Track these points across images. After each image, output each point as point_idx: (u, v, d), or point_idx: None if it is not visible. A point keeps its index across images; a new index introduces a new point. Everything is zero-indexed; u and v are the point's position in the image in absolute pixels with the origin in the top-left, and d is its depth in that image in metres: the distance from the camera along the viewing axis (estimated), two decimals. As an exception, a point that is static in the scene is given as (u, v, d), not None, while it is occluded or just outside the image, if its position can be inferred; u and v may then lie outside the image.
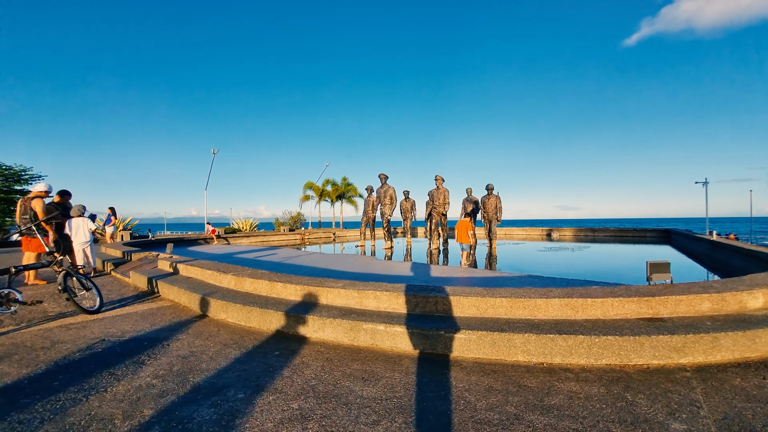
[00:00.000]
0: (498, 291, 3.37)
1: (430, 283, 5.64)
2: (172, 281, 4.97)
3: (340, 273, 7.13)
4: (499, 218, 13.99)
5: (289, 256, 10.33)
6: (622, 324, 2.87)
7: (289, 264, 8.53)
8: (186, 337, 3.29)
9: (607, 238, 21.13)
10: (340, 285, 3.59)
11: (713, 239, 10.55)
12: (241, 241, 19.23)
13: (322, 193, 35.38)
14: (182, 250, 13.19)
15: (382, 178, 14.39)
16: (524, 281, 6.13)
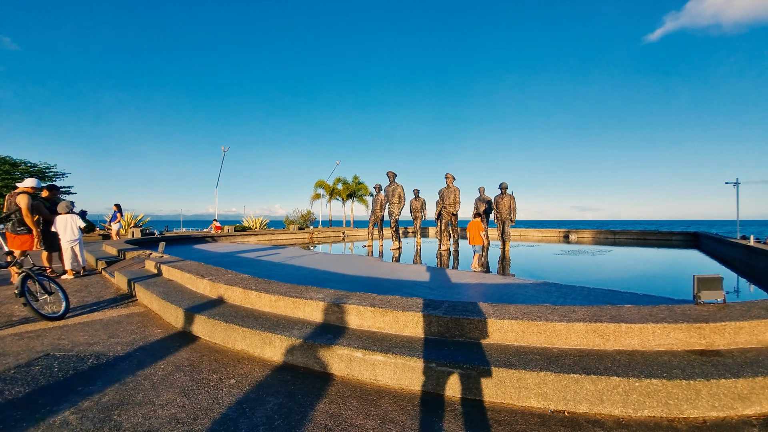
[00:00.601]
0: (507, 309, 2.78)
1: (435, 290, 5.08)
2: (149, 285, 4.57)
3: (339, 276, 6.62)
4: (513, 219, 13.25)
5: (292, 256, 9.91)
6: (667, 359, 2.24)
7: (288, 265, 8.09)
8: (138, 354, 2.84)
9: (629, 241, 19.98)
10: (321, 296, 3.07)
11: (751, 245, 9.56)
12: (249, 239, 19.03)
13: (333, 191, 35.11)
14: (187, 248, 12.99)
15: (390, 176, 13.85)
16: (539, 289, 5.48)
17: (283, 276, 6.46)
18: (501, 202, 13.28)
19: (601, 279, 7.59)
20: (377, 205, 14.26)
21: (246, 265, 7.99)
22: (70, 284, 5.69)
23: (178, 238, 15.80)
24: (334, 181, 35.07)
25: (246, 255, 10.29)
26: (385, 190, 13.94)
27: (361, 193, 35.04)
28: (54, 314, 3.72)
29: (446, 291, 5.21)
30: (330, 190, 34.90)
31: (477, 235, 7.88)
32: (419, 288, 5.41)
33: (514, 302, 4.54)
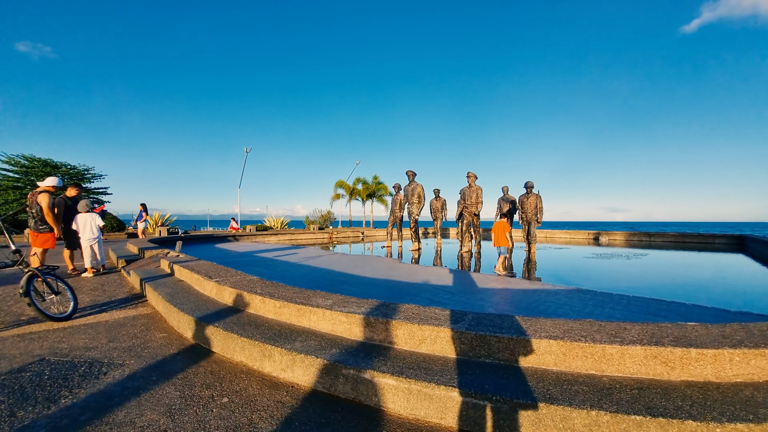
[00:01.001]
0: (543, 325, 2.37)
1: (457, 295, 4.69)
2: (159, 285, 4.43)
3: (355, 278, 6.33)
4: (539, 219, 12.57)
5: (309, 257, 9.74)
6: (749, 394, 1.78)
7: (304, 265, 7.90)
8: (133, 363, 2.63)
9: (666, 244, 18.67)
10: (329, 303, 2.77)
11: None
12: (269, 238, 19.16)
13: (353, 191, 35.05)
14: (208, 247, 13.13)
15: (409, 175, 13.47)
16: (572, 297, 4.98)
17: (297, 277, 6.24)
18: (526, 202, 12.62)
19: (638, 286, 6.92)
20: (396, 205, 13.91)
21: (262, 265, 7.85)
22: (88, 282, 5.69)
23: (201, 237, 16.06)
24: (354, 181, 35.03)
25: (264, 255, 10.21)
26: (405, 189, 13.58)
27: (381, 193, 34.81)
28: (60, 315, 3.62)
29: (468, 297, 4.80)
30: (350, 190, 34.87)
31: (503, 236, 7.39)
32: (439, 293, 5.03)
33: (545, 311, 4.09)
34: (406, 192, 13.44)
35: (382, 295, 4.82)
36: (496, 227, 7.53)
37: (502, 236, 7.43)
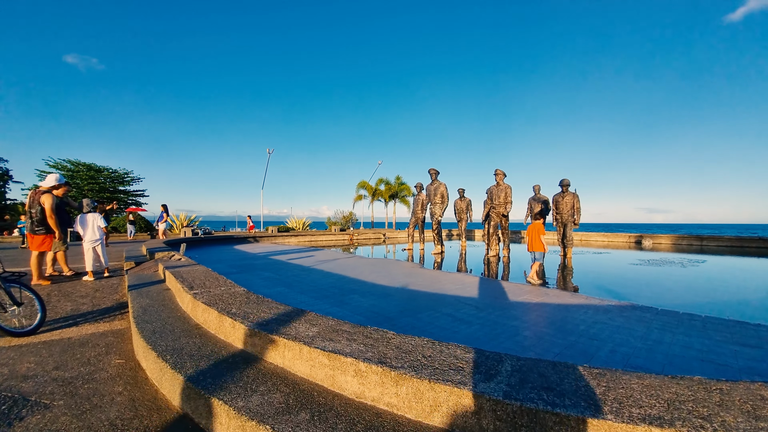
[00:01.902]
0: (626, 384, 1.55)
1: (484, 312, 3.85)
2: (141, 295, 3.95)
3: (367, 287, 5.64)
4: (576, 221, 11.37)
5: (324, 260, 9.17)
6: None
7: (316, 270, 7.30)
8: (61, 404, 2.06)
9: (721, 249, 16.71)
10: (313, 332, 2.08)
11: None
12: (289, 240, 18.91)
13: (375, 192, 34.50)
14: (226, 248, 12.91)
15: (432, 173, 12.65)
16: (629, 317, 4.03)
17: (305, 284, 5.63)
18: (562, 202, 11.46)
19: (703, 300, 5.77)
20: (418, 205, 13.11)
21: (272, 268, 7.33)
22: (84, 287, 5.34)
23: (221, 238, 15.97)
24: (377, 181, 34.48)
25: (278, 257, 9.75)
26: (427, 189, 12.76)
27: (404, 194, 34.04)
28: (20, 329, 3.17)
29: (498, 314, 3.97)
30: (372, 191, 34.35)
31: (537, 240, 6.44)
32: (463, 307, 4.23)
33: (599, 337, 3.21)
34: (429, 191, 12.63)
35: (395, 310, 4.08)
36: (531, 229, 6.58)
37: (537, 240, 6.48)
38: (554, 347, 2.95)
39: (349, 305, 4.28)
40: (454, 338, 3.09)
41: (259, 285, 5.50)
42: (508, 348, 2.88)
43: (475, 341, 3.02)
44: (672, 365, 2.64)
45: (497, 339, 3.10)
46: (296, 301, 4.41)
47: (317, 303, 4.36)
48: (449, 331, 3.31)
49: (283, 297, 4.67)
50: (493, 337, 3.16)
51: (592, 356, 2.78)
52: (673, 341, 3.22)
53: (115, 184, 30.24)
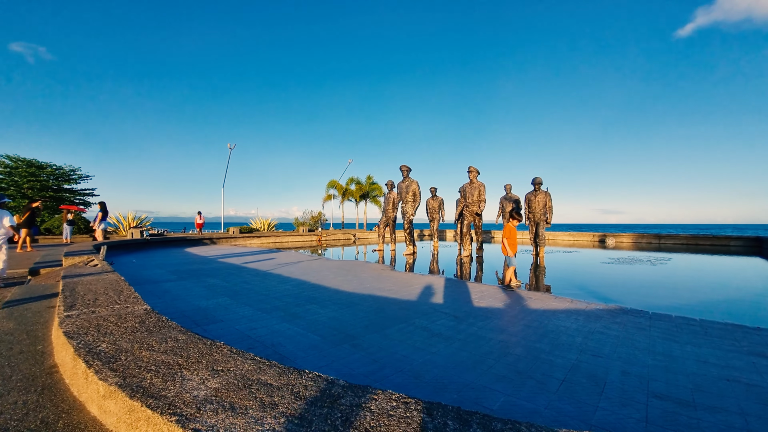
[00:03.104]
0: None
1: (463, 322, 3.20)
2: (8, 316, 2.95)
3: (329, 294, 4.90)
4: (548, 220, 11.21)
5: (286, 263, 8.27)
6: None
7: (274, 275, 6.43)
8: None
9: (677, 246, 17.50)
10: (203, 395, 1.26)
11: None
12: (252, 241, 17.63)
13: (346, 192, 33.60)
14: (174, 251, 11.61)
15: (403, 170, 12.06)
16: (624, 323, 3.59)
17: (254, 293, 4.78)
18: (534, 201, 11.26)
19: (684, 299, 5.54)
20: (389, 204, 12.48)
21: (220, 274, 6.37)
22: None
23: (173, 240, 14.51)
24: (347, 181, 33.58)
25: (232, 260, 8.71)
26: (398, 186, 12.16)
27: (375, 194, 33.40)
28: None
29: (481, 324, 3.37)
30: (342, 190, 33.41)
31: (515, 244, 5.89)
32: (439, 317, 3.59)
33: (602, 353, 2.67)
34: (400, 189, 12.03)
35: (360, 324, 3.37)
36: (509, 232, 5.95)
37: (515, 243, 5.90)
38: (555, 370, 2.36)
39: (303, 319, 3.51)
40: (432, 362, 2.43)
41: (195, 296, 4.58)
42: (501, 374, 2.25)
43: (458, 366, 2.37)
44: (701, 391, 2.12)
45: (485, 361, 2.47)
46: (235, 317, 3.57)
47: (262, 318, 3.56)
48: (425, 352, 2.64)
49: (220, 311, 3.82)
50: (480, 358, 2.53)
51: (604, 382, 2.22)
52: (684, 354, 2.75)
53: (59, 182, 27.23)
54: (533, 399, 1.97)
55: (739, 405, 1.94)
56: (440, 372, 2.28)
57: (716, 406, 1.94)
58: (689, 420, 1.80)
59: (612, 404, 1.94)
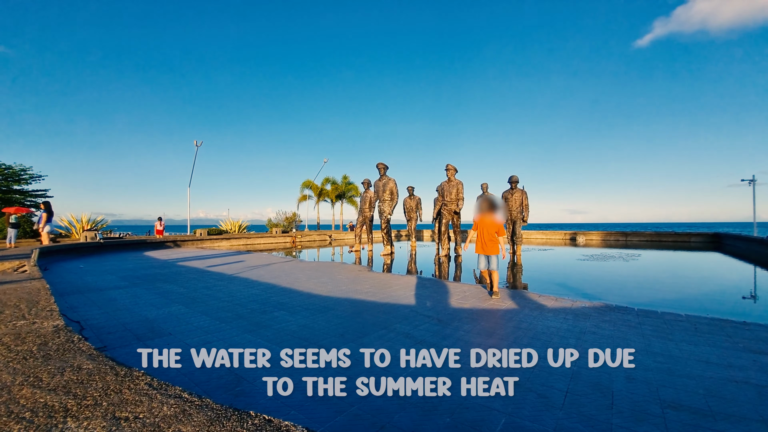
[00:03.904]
0: None
1: (447, 326, 2.88)
2: None
3: (301, 299, 4.48)
4: (525, 218, 11.24)
5: (255, 266, 7.70)
6: None
7: (239, 278, 5.89)
8: None
9: (642, 243, 18.27)
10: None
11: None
12: (220, 244, 16.69)
13: (321, 192, 32.86)
14: (132, 255, 10.68)
15: (380, 168, 11.73)
16: (612, 320, 3.42)
17: (217, 299, 4.27)
18: (511, 199, 11.25)
19: (662, 295, 5.55)
20: (366, 203, 12.11)
21: (180, 279, 5.76)
22: None
23: (132, 243, 13.43)
24: (323, 181, 32.85)
25: (196, 264, 8.04)
26: (375, 185, 11.81)
27: (352, 194, 32.86)
28: None
29: (468, 327, 3.08)
30: (318, 190, 32.64)
31: (495, 240, 4.65)
32: (421, 322, 3.26)
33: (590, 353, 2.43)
34: (377, 188, 11.68)
35: (334, 332, 2.98)
36: (486, 224, 4.67)
37: (495, 240, 4.64)
38: (555, 380, 2.09)
39: (269, 329, 3.08)
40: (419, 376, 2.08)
41: (144, 304, 4.02)
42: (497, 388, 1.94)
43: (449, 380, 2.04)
44: (714, 396, 1.91)
45: (478, 371, 2.15)
46: (188, 329, 3.08)
47: (221, 329, 3.09)
48: (410, 368, 2.29)
49: (171, 322, 3.31)
50: (472, 369, 2.21)
51: (611, 392, 1.96)
52: (683, 353, 2.57)
53: (8, 183, 24.71)
54: (539, 418, 1.67)
55: (757, 411, 1.73)
56: (431, 386, 1.94)
57: (735, 414, 1.72)
58: (715, 436, 1.55)
59: (626, 420, 1.67)
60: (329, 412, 1.70)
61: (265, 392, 1.89)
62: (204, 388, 1.97)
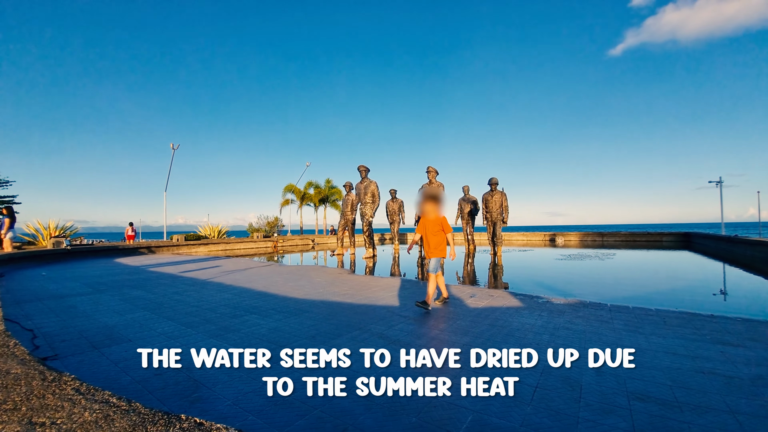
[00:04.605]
0: None
1: (422, 325, 2.83)
2: None
3: (276, 302, 4.35)
4: (505, 220, 11.40)
5: (230, 270, 7.47)
6: None
7: (213, 283, 5.68)
8: None
9: (618, 243, 18.83)
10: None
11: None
12: (197, 249, 16.21)
13: (304, 196, 32.51)
14: (105, 261, 10.21)
15: (361, 170, 11.66)
16: (585, 315, 3.46)
17: (186, 304, 4.09)
18: (491, 201, 11.39)
19: (634, 292, 5.69)
20: (348, 206, 12.01)
21: (148, 285, 5.51)
22: None
23: (103, 249, 12.87)
24: (305, 185, 32.53)
25: (168, 269, 7.73)
26: (356, 187, 11.74)
27: (335, 198, 32.65)
28: None
29: (444, 326, 3.03)
30: (301, 195, 32.29)
31: (441, 241, 3.87)
32: (397, 322, 3.20)
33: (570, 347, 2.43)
34: (358, 191, 11.61)
35: (305, 335, 2.88)
36: (429, 221, 3.87)
37: (439, 238, 3.84)
38: (526, 375, 2.06)
39: (237, 333, 2.95)
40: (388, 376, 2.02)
41: (106, 311, 3.80)
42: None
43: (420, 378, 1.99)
44: (681, 387, 1.92)
45: (450, 370, 2.11)
46: (150, 335, 2.92)
47: (185, 334, 2.94)
48: (377, 369, 2.22)
49: (133, 329, 3.13)
50: (443, 368, 2.16)
51: (580, 385, 1.95)
52: (651, 346, 2.60)
53: None
54: (507, 414, 1.63)
55: (725, 401, 1.75)
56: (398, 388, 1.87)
57: (702, 404, 1.73)
58: (680, 425, 1.55)
59: (594, 413, 1.65)
60: (291, 415, 1.61)
61: (224, 397, 1.79)
62: (159, 395, 1.84)
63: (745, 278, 7.20)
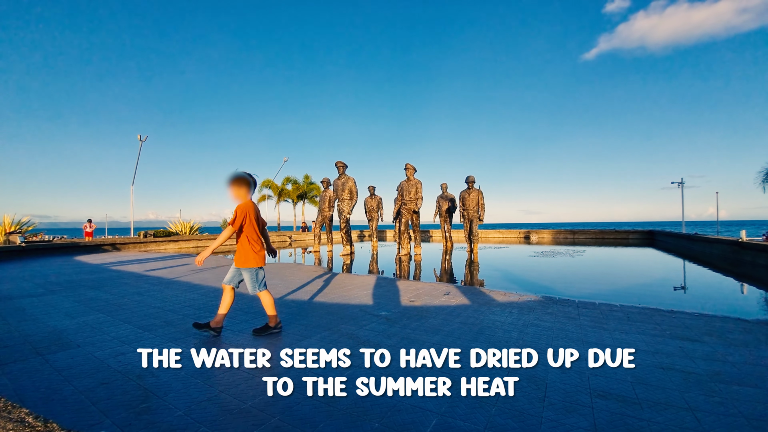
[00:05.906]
0: None
1: (395, 324, 2.79)
2: None
3: (242, 303, 4.17)
4: (482, 217, 11.55)
5: (201, 269, 7.17)
6: None
7: (179, 282, 5.43)
8: None
9: (588, 240, 19.54)
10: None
11: (743, 240, 8.59)
12: (167, 246, 15.56)
13: (282, 192, 31.84)
14: (64, 259, 9.58)
15: (339, 167, 11.51)
16: (552, 311, 3.52)
17: (146, 305, 3.87)
18: (468, 198, 11.52)
19: (601, 288, 5.90)
20: (325, 203, 11.85)
21: (108, 285, 5.19)
22: None
23: (62, 246, 12.09)
24: (283, 180, 31.84)
25: (132, 268, 7.34)
26: (334, 184, 11.58)
27: (313, 194, 32.17)
28: None
29: (414, 325, 3.01)
30: (278, 190, 31.60)
31: (248, 247, 2.97)
32: (370, 320, 3.15)
33: (537, 345, 2.45)
34: (336, 187, 11.46)
35: (273, 336, 2.77)
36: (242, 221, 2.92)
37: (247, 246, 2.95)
38: (493, 375, 2.05)
39: (199, 336, 2.80)
40: (354, 377, 1.95)
41: (57, 314, 3.54)
42: (434, 387, 1.86)
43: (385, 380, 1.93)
44: (641, 383, 1.96)
45: (417, 371, 2.07)
46: (103, 339, 2.72)
47: (143, 338, 2.76)
48: (342, 371, 2.15)
49: (85, 333, 2.91)
50: (410, 369, 2.12)
51: (545, 383, 1.95)
52: (615, 342, 2.66)
53: None
54: (471, 416, 1.60)
55: (683, 398, 1.79)
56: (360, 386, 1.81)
57: (661, 401, 1.76)
58: (639, 423, 1.57)
59: (557, 412, 1.66)
60: (246, 425, 1.52)
61: (175, 407, 1.67)
62: (102, 407, 1.70)
63: (703, 274, 7.62)
